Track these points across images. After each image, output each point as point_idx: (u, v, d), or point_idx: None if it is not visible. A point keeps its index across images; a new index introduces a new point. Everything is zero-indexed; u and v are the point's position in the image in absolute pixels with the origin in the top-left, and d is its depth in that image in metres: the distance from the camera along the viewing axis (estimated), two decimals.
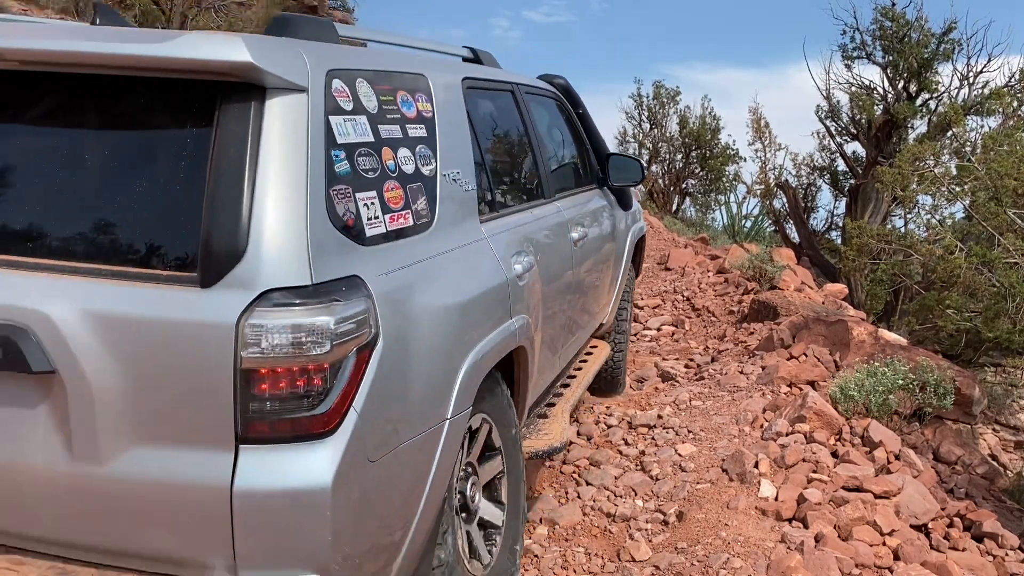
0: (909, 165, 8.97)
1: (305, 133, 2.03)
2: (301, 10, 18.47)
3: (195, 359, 1.87)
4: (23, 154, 2.13)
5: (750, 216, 18.66)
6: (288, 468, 1.91)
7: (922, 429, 5.20)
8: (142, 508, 1.96)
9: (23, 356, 1.89)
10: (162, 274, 1.92)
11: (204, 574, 1.96)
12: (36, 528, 2.04)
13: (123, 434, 1.92)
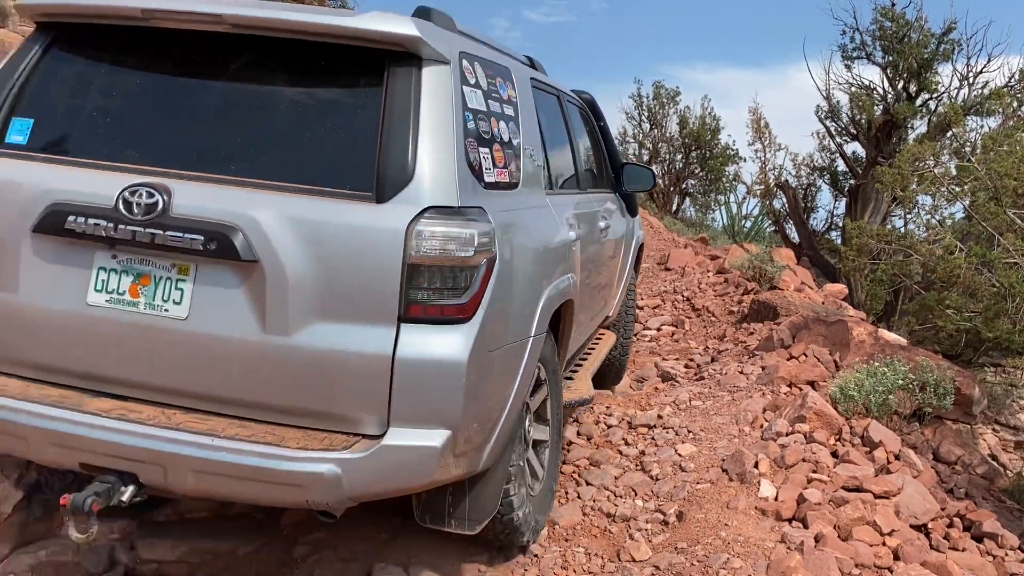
0: (909, 165, 8.97)
1: (450, 95, 2.67)
2: None
3: (371, 255, 2.45)
4: (238, 99, 2.77)
5: (750, 216, 18.69)
6: (436, 343, 2.47)
7: (922, 429, 5.20)
8: (318, 373, 2.47)
9: (235, 248, 2.44)
10: (345, 192, 2.50)
11: (358, 428, 2.49)
12: (227, 391, 2.55)
13: (307, 312, 2.46)
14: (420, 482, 2.61)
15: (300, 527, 3.79)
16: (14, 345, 2.70)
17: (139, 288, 2.58)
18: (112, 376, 2.65)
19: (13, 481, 3.84)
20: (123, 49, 2.85)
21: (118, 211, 2.50)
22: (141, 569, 3.83)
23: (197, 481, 2.51)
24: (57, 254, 2.61)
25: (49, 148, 2.75)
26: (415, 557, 3.43)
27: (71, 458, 2.62)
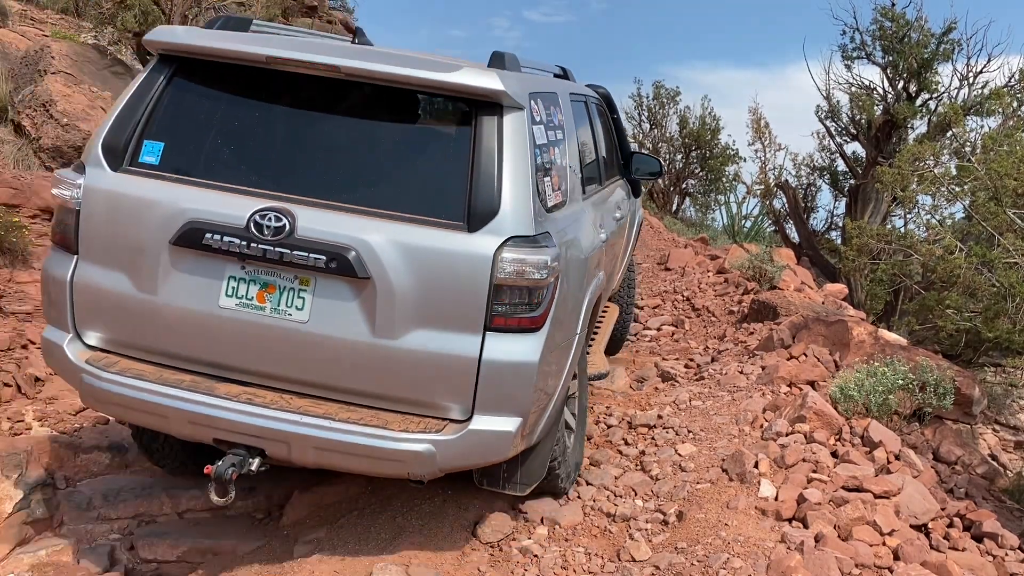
0: (909, 165, 8.96)
1: (525, 137, 3.13)
2: (301, 10, 18.46)
3: (463, 276, 2.95)
4: (349, 136, 3.27)
5: (750, 216, 18.67)
6: (514, 348, 3.01)
7: (922, 429, 5.20)
8: (416, 370, 3.00)
9: (351, 266, 2.92)
10: (441, 222, 2.99)
11: (446, 415, 3.04)
12: (331, 380, 3.07)
13: (409, 320, 2.97)
14: (496, 459, 3.20)
15: (300, 527, 3.79)
16: (151, 337, 3.18)
17: (265, 295, 3.06)
18: (237, 366, 3.13)
19: (13, 481, 3.84)
20: (245, 85, 3.27)
21: (249, 231, 2.96)
22: (141, 569, 3.83)
23: (316, 456, 3.06)
24: (192, 264, 3.08)
25: (179, 170, 3.16)
26: (415, 557, 3.43)
27: (206, 434, 3.11)
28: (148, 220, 3.09)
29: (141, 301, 3.12)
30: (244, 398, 3.05)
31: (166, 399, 3.06)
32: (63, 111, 6.21)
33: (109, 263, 3.17)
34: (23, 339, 4.86)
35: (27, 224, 5.55)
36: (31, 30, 8.02)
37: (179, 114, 3.27)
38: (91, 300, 3.21)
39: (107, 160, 3.19)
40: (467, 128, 3.09)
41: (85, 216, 3.18)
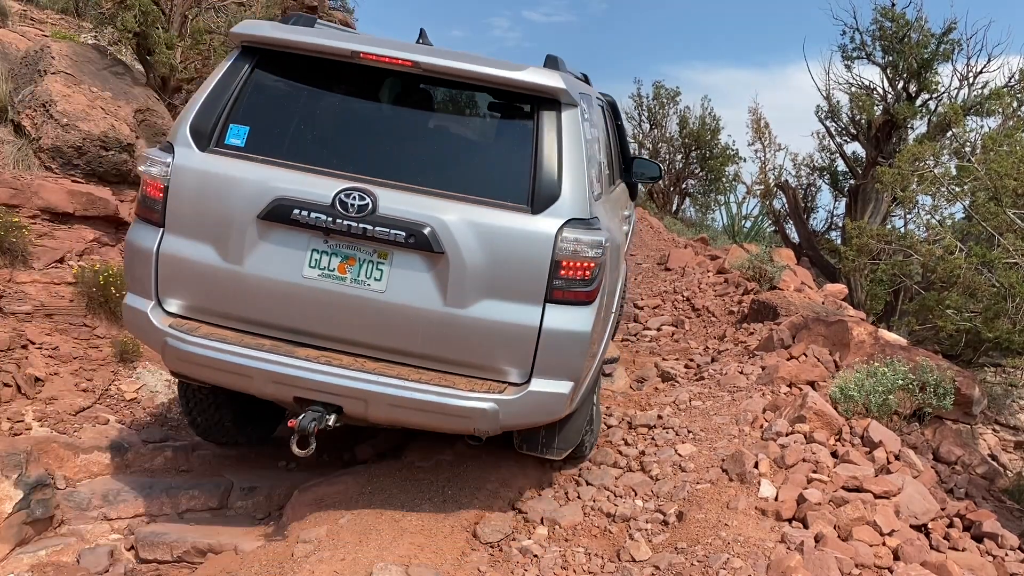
0: (909, 165, 8.95)
1: (579, 131, 3.47)
2: (301, 10, 18.45)
3: (527, 252, 3.28)
4: (425, 125, 3.65)
5: (750, 216, 18.67)
6: (570, 319, 3.33)
7: (922, 429, 5.20)
8: (484, 336, 3.32)
9: (428, 242, 3.22)
10: (508, 204, 3.33)
11: (506, 378, 3.37)
12: (405, 345, 3.38)
13: (478, 292, 3.29)
14: (551, 418, 3.52)
15: (300, 526, 3.79)
16: (233, 304, 3.43)
17: (346, 267, 3.34)
18: (316, 331, 3.41)
19: (13, 481, 3.84)
20: (326, 76, 3.55)
21: (335, 208, 3.25)
22: (141, 569, 3.83)
23: (389, 412, 3.35)
24: (278, 237, 3.34)
25: (264, 151, 3.42)
26: (415, 557, 3.43)
27: (287, 393, 3.37)
28: (236, 196, 3.35)
29: (226, 271, 3.38)
30: (323, 360, 3.35)
31: (250, 360, 3.33)
32: (63, 111, 6.21)
33: (195, 236, 3.41)
34: (23, 339, 4.86)
35: (27, 224, 5.55)
36: (31, 30, 8.02)
37: (262, 101, 3.55)
38: (175, 270, 3.44)
39: (195, 141, 3.44)
40: (530, 122, 3.45)
41: (173, 192, 3.41)
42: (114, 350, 5.20)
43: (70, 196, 5.96)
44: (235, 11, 8.11)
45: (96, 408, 4.75)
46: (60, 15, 9.16)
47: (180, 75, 7.19)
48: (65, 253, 5.78)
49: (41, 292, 5.29)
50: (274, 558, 3.54)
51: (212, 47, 7.19)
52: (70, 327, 5.24)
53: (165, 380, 5.23)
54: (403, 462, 4.27)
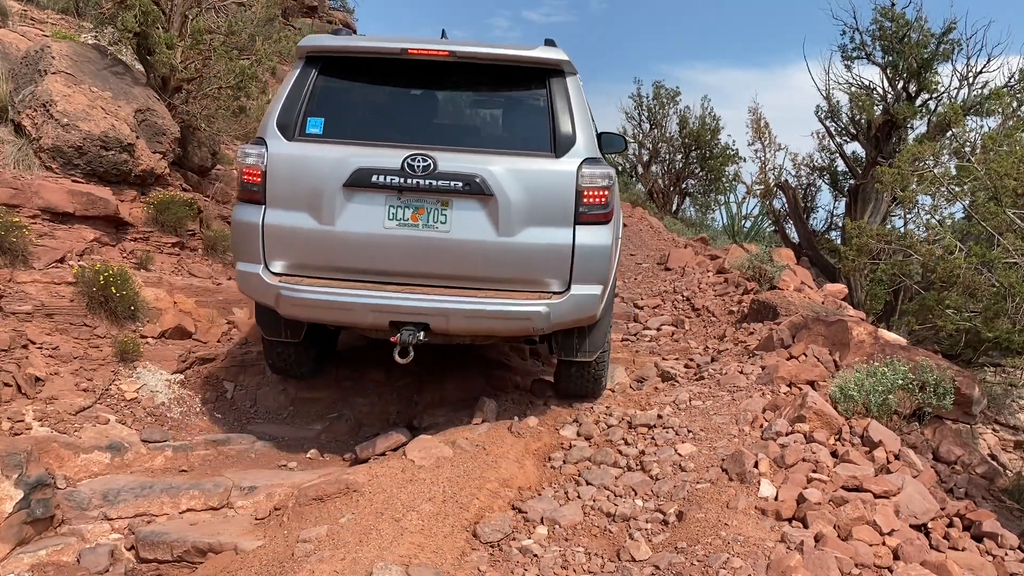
0: (909, 165, 8.95)
1: (581, 92, 4.48)
2: (301, 10, 18.44)
3: (556, 187, 4.22)
4: (463, 100, 4.73)
5: (750, 216, 18.68)
6: (594, 236, 4.27)
7: (922, 429, 5.20)
8: (530, 257, 4.25)
9: (481, 187, 4.17)
10: (537, 152, 4.31)
11: (549, 288, 4.29)
12: (462, 271, 4.29)
13: (521, 222, 4.22)
14: (588, 315, 4.44)
15: (301, 525, 3.79)
16: (329, 258, 4.33)
17: (417, 216, 4.25)
18: (398, 270, 4.32)
19: (13, 481, 3.84)
20: (378, 71, 4.55)
21: (404, 171, 4.18)
22: (141, 569, 3.83)
23: (466, 323, 4.26)
24: (361, 199, 4.25)
25: (338, 135, 4.36)
26: (415, 557, 3.43)
27: (384, 319, 4.25)
28: (323, 171, 4.25)
29: (321, 231, 4.28)
30: (409, 290, 4.27)
31: (352, 297, 4.24)
32: (63, 111, 6.21)
33: (292, 207, 4.30)
34: (23, 339, 4.85)
35: (27, 224, 5.55)
36: (31, 30, 8.02)
37: (330, 96, 4.47)
38: (278, 237, 4.32)
39: (282, 133, 4.37)
40: (544, 88, 4.44)
41: (270, 175, 4.30)
42: (114, 350, 5.20)
43: (70, 196, 5.96)
44: (235, 11, 8.11)
45: (96, 408, 4.75)
46: (60, 15, 9.16)
47: (180, 75, 7.18)
48: (65, 253, 5.77)
49: (41, 292, 5.29)
50: (274, 558, 3.54)
51: (212, 47, 7.18)
52: (70, 327, 5.24)
53: (165, 380, 5.24)
54: (403, 461, 4.27)
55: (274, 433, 5.17)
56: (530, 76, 4.47)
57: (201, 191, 7.63)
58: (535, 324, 4.29)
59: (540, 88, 4.46)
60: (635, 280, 9.52)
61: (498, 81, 4.54)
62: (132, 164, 6.45)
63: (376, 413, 5.49)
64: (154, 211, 6.58)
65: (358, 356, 5.94)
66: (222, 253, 7.08)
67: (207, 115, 7.38)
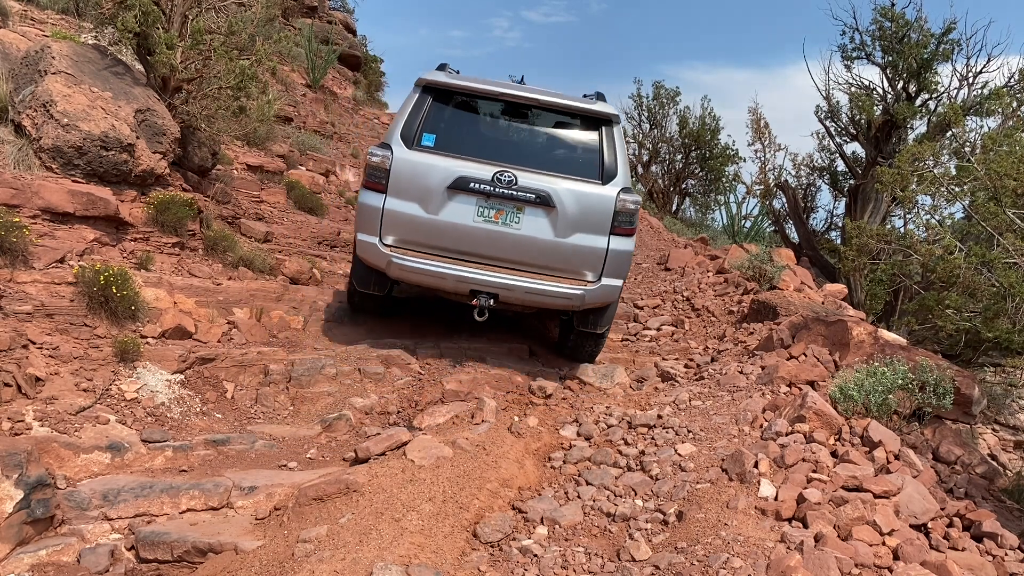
0: (908, 165, 8.95)
1: (623, 138, 5.88)
2: (301, 10, 18.44)
3: (600, 206, 5.61)
4: (538, 134, 5.92)
5: (750, 216, 18.66)
6: (622, 244, 5.67)
7: (922, 429, 5.20)
8: (576, 254, 5.63)
9: (548, 200, 5.53)
10: (588, 179, 5.68)
11: (586, 278, 5.69)
12: (527, 260, 5.64)
13: (572, 228, 5.59)
14: (610, 300, 5.87)
15: (300, 525, 3.79)
16: (430, 239, 5.65)
17: (498, 216, 5.59)
18: (480, 254, 5.66)
19: (13, 481, 3.84)
20: (478, 104, 5.95)
21: (493, 181, 5.53)
22: (141, 569, 3.83)
23: (525, 296, 5.66)
24: (459, 199, 5.58)
25: (446, 149, 5.66)
26: (415, 557, 3.43)
27: (466, 288, 5.63)
28: (433, 175, 5.57)
29: (428, 219, 5.61)
30: (486, 268, 5.63)
31: (445, 269, 5.60)
32: (63, 111, 6.21)
33: (407, 198, 5.61)
34: (23, 339, 4.85)
35: (27, 224, 5.55)
36: (31, 30, 8.02)
37: (440, 119, 5.77)
38: (393, 219, 5.63)
39: (404, 143, 5.65)
40: (597, 132, 5.86)
41: (393, 172, 5.60)
42: (114, 350, 5.20)
43: (70, 196, 5.96)
44: (235, 11, 8.11)
45: (96, 408, 4.75)
46: (60, 15, 9.16)
47: (180, 75, 7.18)
48: (65, 253, 5.77)
49: (41, 292, 5.29)
50: (274, 558, 3.54)
51: (212, 47, 7.18)
52: (70, 327, 5.24)
53: (165, 380, 5.24)
54: (403, 461, 4.27)
55: (274, 433, 5.17)
56: (588, 122, 5.88)
57: (201, 191, 7.62)
58: (574, 303, 5.71)
59: (594, 131, 5.84)
60: (635, 280, 9.52)
61: (565, 122, 5.94)
62: (132, 164, 6.45)
63: (376, 413, 5.50)
64: (154, 211, 6.57)
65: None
66: (222, 253, 7.08)
67: (207, 115, 7.38)
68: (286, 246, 8.46)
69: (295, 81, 15.09)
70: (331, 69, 16.63)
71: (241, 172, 9.87)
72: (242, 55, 7.52)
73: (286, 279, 7.45)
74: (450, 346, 6.42)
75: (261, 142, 10.80)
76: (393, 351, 6.13)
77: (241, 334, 6.11)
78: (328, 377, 5.80)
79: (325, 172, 11.83)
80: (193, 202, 6.92)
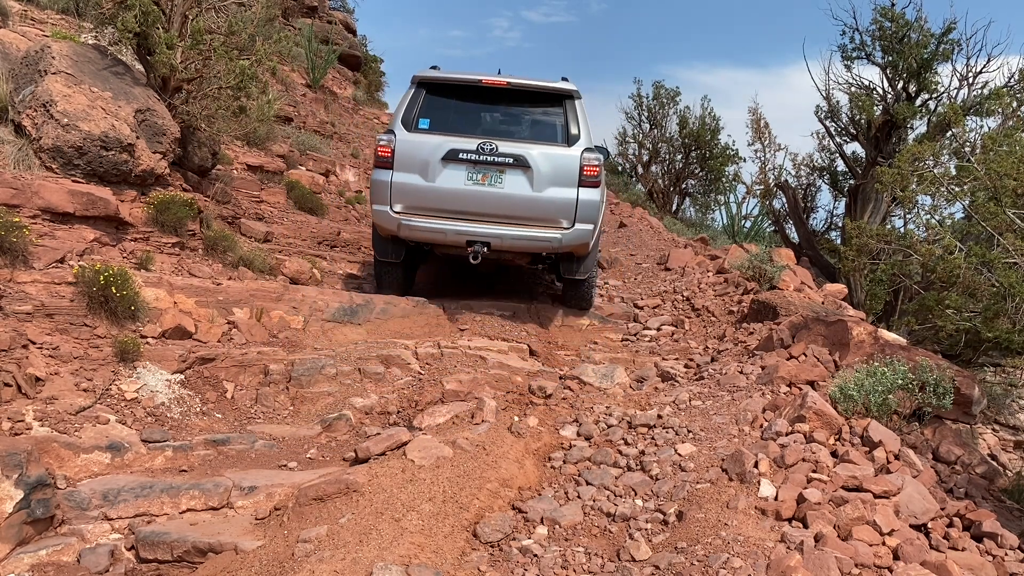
0: (908, 165, 8.94)
1: (584, 109, 7.20)
2: (301, 10, 18.43)
3: (568, 164, 6.84)
4: (512, 112, 7.28)
5: (750, 216, 18.67)
6: (589, 194, 6.84)
7: (922, 429, 5.20)
8: (551, 205, 6.82)
9: (524, 162, 6.80)
10: (556, 144, 6.97)
11: (561, 225, 6.81)
12: (511, 212, 6.82)
13: (546, 184, 6.80)
14: (584, 243, 6.85)
15: (300, 525, 3.79)
16: (429, 203, 6.77)
17: (484, 178, 6.72)
18: (472, 211, 6.73)
19: (13, 481, 3.84)
20: (462, 92, 7.11)
21: (477, 151, 6.69)
22: (141, 569, 3.83)
23: (513, 242, 6.71)
24: (451, 167, 6.72)
25: (439, 129, 6.85)
26: (415, 557, 3.43)
27: (462, 240, 6.68)
28: (429, 150, 6.78)
29: (427, 186, 6.78)
30: (478, 222, 6.74)
31: (445, 226, 6.75)
32: (63, 111, 6.21)
33: (410, 171, 6.80)
34: (23, 339, 4.85)
35: (28, 224, 5.55)
36: (31, 30, 8.02)
37: (433, 107, 7.01)
38: (400, 190, 6.80)
39: (405, 128, 6.92)
40: (560, 107, 7.02)
41: (397, 151, 6.83)
42: (114, 350, 5.20)
43: (70, 196, 5.96)
44: (235, 11, 8.11)
45: (96, 408, 4.75)
46: (60, 15, 9.16)
47: (180, 75, 7.18)
48: (66, 253, 5.77)
49: (41, 292, 5.29)
50: (274, 558, 3.55)
51: (212, 47, 7.18)
52: (70, 327, 5.24)
53: (165, 380, 5.24)
54: (403, 461, 4.27)
55: (274, 433, 5.17)
56: (552, 98, 7.07)
57: (201, 191, 7.62)
58: (554, 245, 6.80)
59: (559, 106, 7.05)
60: (635, 280, 9.53)
61: (534, 100, 7.14)
62: (132, 164, 6.45)
63: (376, 413, 5.50)
64: (154, 211, 6.58)
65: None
66: (222, 253, 7.08)
67: (207, 115, 7.38)
68: (286, 246, 8.46)
69: (295, 81, 15.09)
70: (331, 69, 16.63)
71: (241, 172, 9.87)
72: (242, 55, 7.52)
73: (286, 279, 7.45)
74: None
75: (261, 142, 10.81)
76: (393, 351, 6.13)
77: (241, 334, 6.11)
78: (328, 377, 5.80)
79: (325, 172, 11.83)
80: (193, 202, 6.93)
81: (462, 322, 7.02)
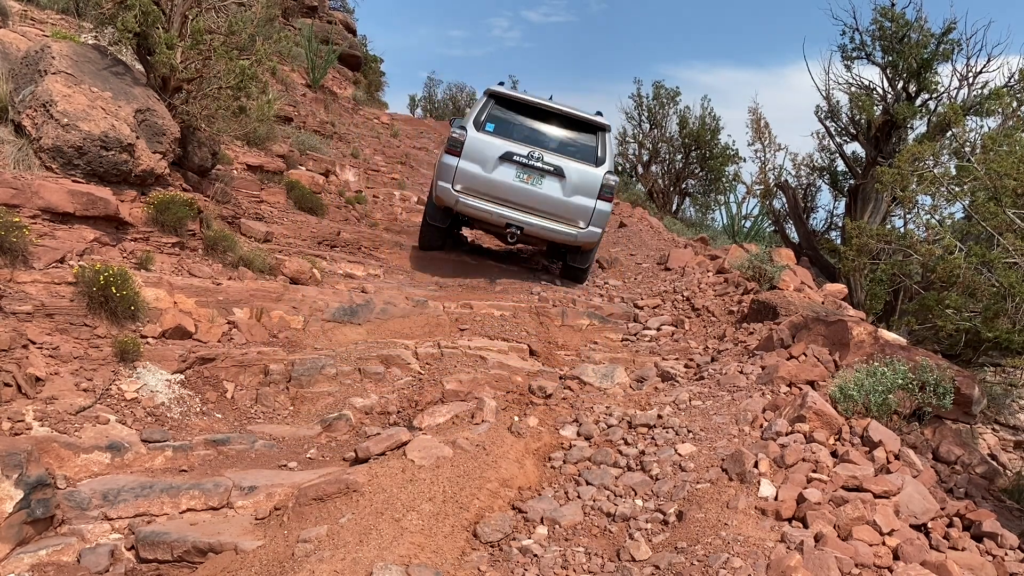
0: (908, 165, 8.94)
1: (613, 139, 9.71)
2: (301, 10, 18.43)
3: (593, 180, 8.73)
4: (556, 133, 8.97)
5: (750, 216, 18.66)
6: (604, 205, 8.78)
7: (922, 429, 5.20)
8: (575, 208, 8.72)
9: (562, 172, 8.67)
10: (588, 163, 8.81)
11: (579, 225, 8.74)
12: (544, 208, 8.71)
13: (575, 192, 8.69)
14: (592, 241, 8.85)
15: (300, 525, 3.79)
16: (484, 190, 8.56)
17: (528, 179, 8.56)
18: (515, 202, 8.58)
19: (13, 481, 3.84)
20: (521, 108, 8.90)
21: (527, 157, 8.53)
22: (141, 569, 3.83)
23: (541, 231, 8.64)
24: (505, 165, 8.54)
25: (501, 134, 8.62)
26: (415, 557, 3.43)
27: (503, 222, 8.60)
28: (491, 149, 8.46)
29: (484, 176, 8.47)
30: (518, 211, 8.51)
31: (492, 208, 8.49)
32: (63, 111, 6.21)
33: (473, 162, 8.46)
34: (23, 339, 4.85)
35: (27, 224, 5.55)
36: (31, 30, 8.01)
37: (498, 115, 8.67)
38: (463, 174, 8.46)
39: (475, 128, 8.55)
40: (595, 135, 8.83)
41: (466, 145, 8.47)
42: (114, 350, 5.20)
43: (70, 196, 5.96)
44: (235, 11, 8.10)
45: (96, 408, 4.75)
46: (60, 15, 9.15)
47: (180, 75, 7.18)
48: (66, 253, 5.77)
49: (41, 292, 5.29)
50: (274, 558, 3.54)
51: (212, 47, 7.17)
52: (70, 327, 5.24)
53: (165, 380, 5.24)
54: (403, 461, 4.27)
55: (274, 433, 5.17)
56: (591, 127, 8.85)
57: (201, 191, 7.62)
58: (570, 239, 8.59)
59: (593, 134, 8.82)
60: (635, 280, 9.53)
61: (576, 127, 8.85)
62: (132, 164, 6.45)
63: (376, 413, 5.50)
64: (154, 211, 6.57)
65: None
66: (222, 253, 7.08)
67: (207, 115, 7.37)
68: (286, 246, 8.46)
69: (295, 81, 15.10)
70: (331, 69, 16.63)
71: (241, 172, 9.87)
72: (242, 55, 7.51)
73: (286, 279, 7.45)
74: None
75: (261, 142, 10.81)
76: (393, 351, 6.13)
77: (241, 334, 6.11)
78: (328, 377, 5.80)
79: (325, 172, 11.84)
80: (193, 202, 6.92)
81: (462, 322, 7.03)
